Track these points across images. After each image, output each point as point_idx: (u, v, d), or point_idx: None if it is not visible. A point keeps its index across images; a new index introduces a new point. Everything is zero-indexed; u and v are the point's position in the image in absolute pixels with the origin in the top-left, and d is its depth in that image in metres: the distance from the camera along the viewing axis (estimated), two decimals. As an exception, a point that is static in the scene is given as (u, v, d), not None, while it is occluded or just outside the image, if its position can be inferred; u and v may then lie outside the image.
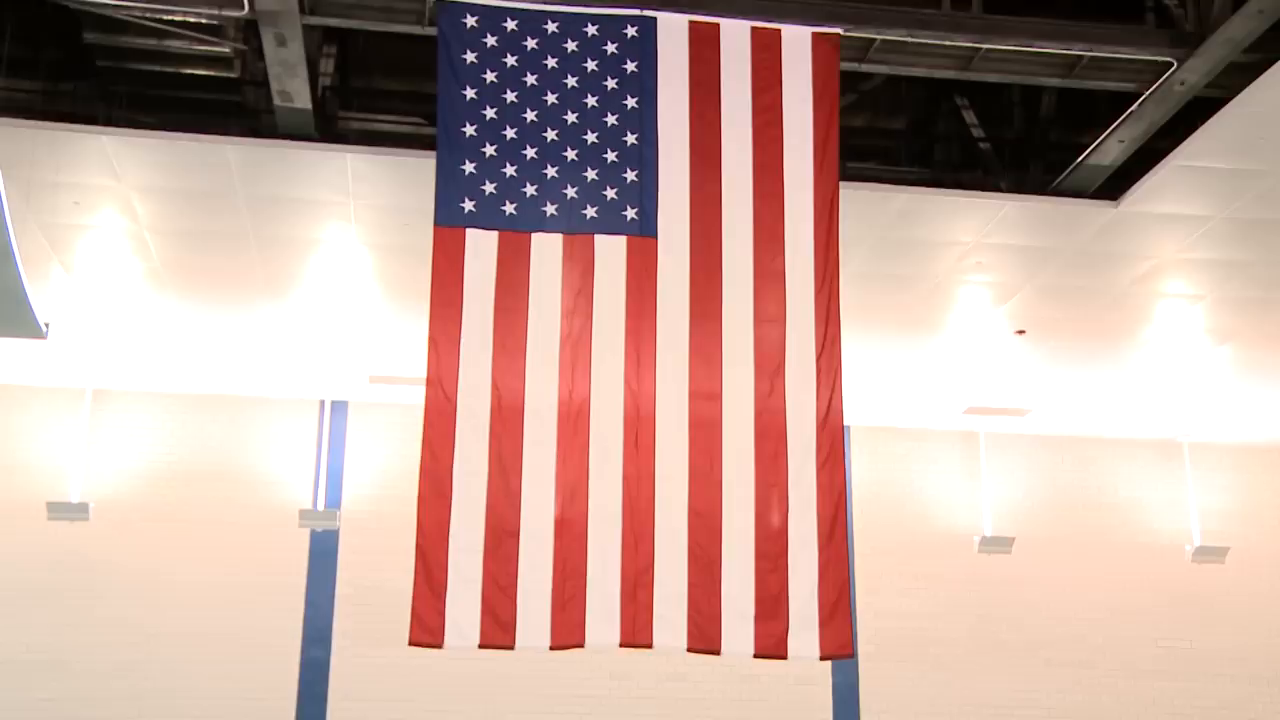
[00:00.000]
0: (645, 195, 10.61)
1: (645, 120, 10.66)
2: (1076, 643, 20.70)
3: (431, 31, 10.78)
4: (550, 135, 10.56)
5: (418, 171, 12.18)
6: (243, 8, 10.81)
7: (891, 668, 20.17)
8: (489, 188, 10.44)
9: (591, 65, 10.69)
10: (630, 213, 10.59)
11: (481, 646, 10.09)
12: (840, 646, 10.24)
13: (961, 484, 21.13)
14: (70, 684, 18.69)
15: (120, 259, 14.86)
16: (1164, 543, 21.07)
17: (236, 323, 17.14)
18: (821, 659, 10.39)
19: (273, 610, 19.44)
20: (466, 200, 10.39)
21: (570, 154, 10.58)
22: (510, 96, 10.54)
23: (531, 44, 10.60)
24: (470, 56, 10.48)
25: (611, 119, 10.65)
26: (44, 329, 11.39)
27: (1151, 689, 20.59)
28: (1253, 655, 20.89)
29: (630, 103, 10.67)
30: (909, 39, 11.56)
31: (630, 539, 10.18)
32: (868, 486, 20.77)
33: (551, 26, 10.65)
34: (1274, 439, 21.33)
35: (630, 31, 10.73)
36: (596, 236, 10.60)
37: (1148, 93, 11.84)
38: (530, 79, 10.59)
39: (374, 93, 14.13)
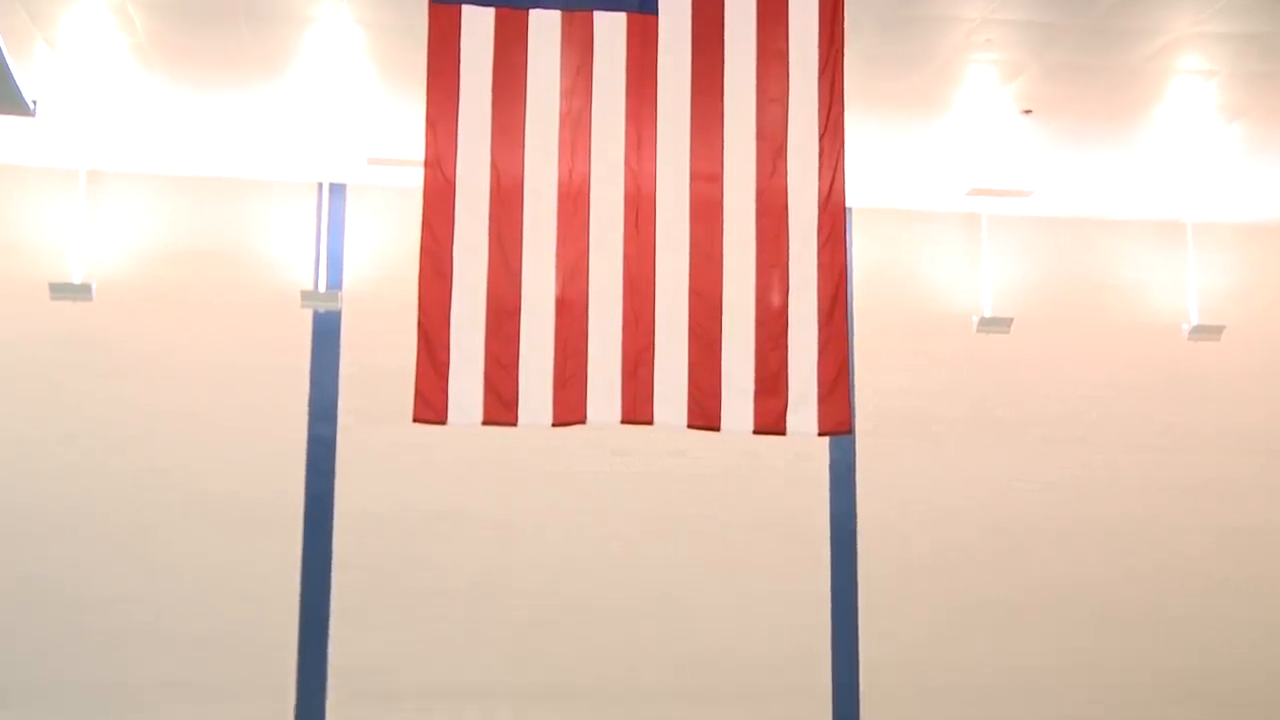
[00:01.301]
0: (646, -31, 10.31)
1: (646, -110, 10.27)
2: (1073, 420, 21.09)
3: None
4: (548, -95, 10.20)
5: (409, -57, 11.75)
6: None
7: (889, 444, 20.63)
8: (483, -40, 10.15)
9: None
10: (630, -13, 10.31)
11: (484, 424, 10.31)
12: (838, 423, 10.46)
13: (962, 265, 21.16)
14: (81, 459, 19.16)
15: (105, 34, 14.48)
16: (1163, 322, 21.21)
17: (230, 104, 16.86)
18: (820, 434, 10.65)
19: (277, 389, 19.75)
20: (461, -25, 10.11)
21: (568, -75, 10.24)
22: None
23: None
24: None
25: (611, -109, 10.26)
26: (31, 106, 11.23)
27: (1146, 463, 21.08)
28: (1247, 431, 21.32)
29: (630, -128, 10.25)
30: None
31: (631, 317, 10.29)
32: (868, 267, 20.80)
33: None
34: (1277, 217, 21.24)
35: None
36: (596, 13, 10.35)
37: None
38: None
39: None
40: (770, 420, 10.35)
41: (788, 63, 10.46)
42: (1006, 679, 20.34)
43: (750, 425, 10.40)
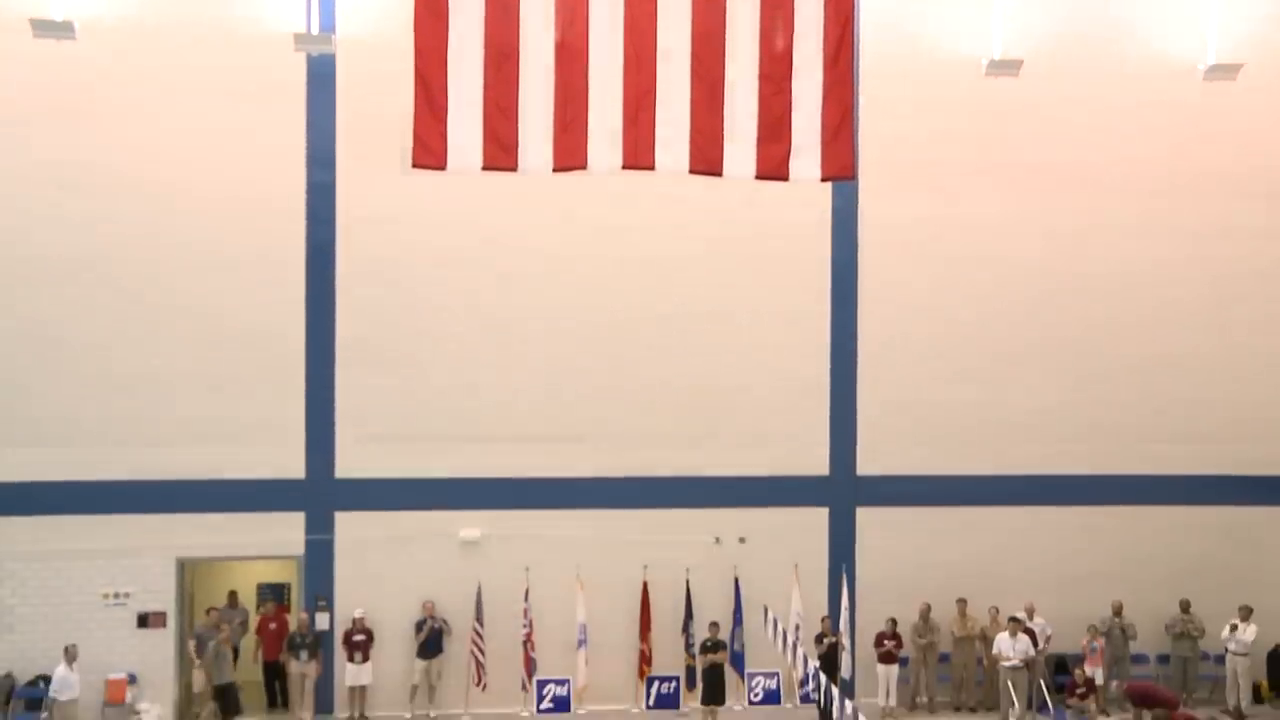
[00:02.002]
0: None
1: None
2: (1079, 165, 20.81)
3: None
4: None
5: None
6: None
7: (892, 191, 20.45)
8: None
9: None
10: None
11: (484, 169, 10.21)
12: (841, 169, 10.36)
13: (973, 6, 20.43)
14: (79, 206, 19.07)
15: None
16: (1178, 63, 20.65)
17: None
18: (822, 180, 10.54)
19: (274, 134, 19.43)
20: None
21: None
22: None
23: None
24: None
25: None
26: None
27: (1152, 208, 20.97)
28: (1254, 174, 21.00)
29: None
30: None
31: (632, 61, 10.03)
32: (876, 10, 20.10)
33: None
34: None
35: None
36: None
37: None
38: None
39: None
40: (773, 166, 10.25)
41: None
42: (1000, 422, 20.85)
43: (752, 171, 10.30)
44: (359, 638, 19.44)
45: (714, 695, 18.98)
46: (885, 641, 19.89)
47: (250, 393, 19.49)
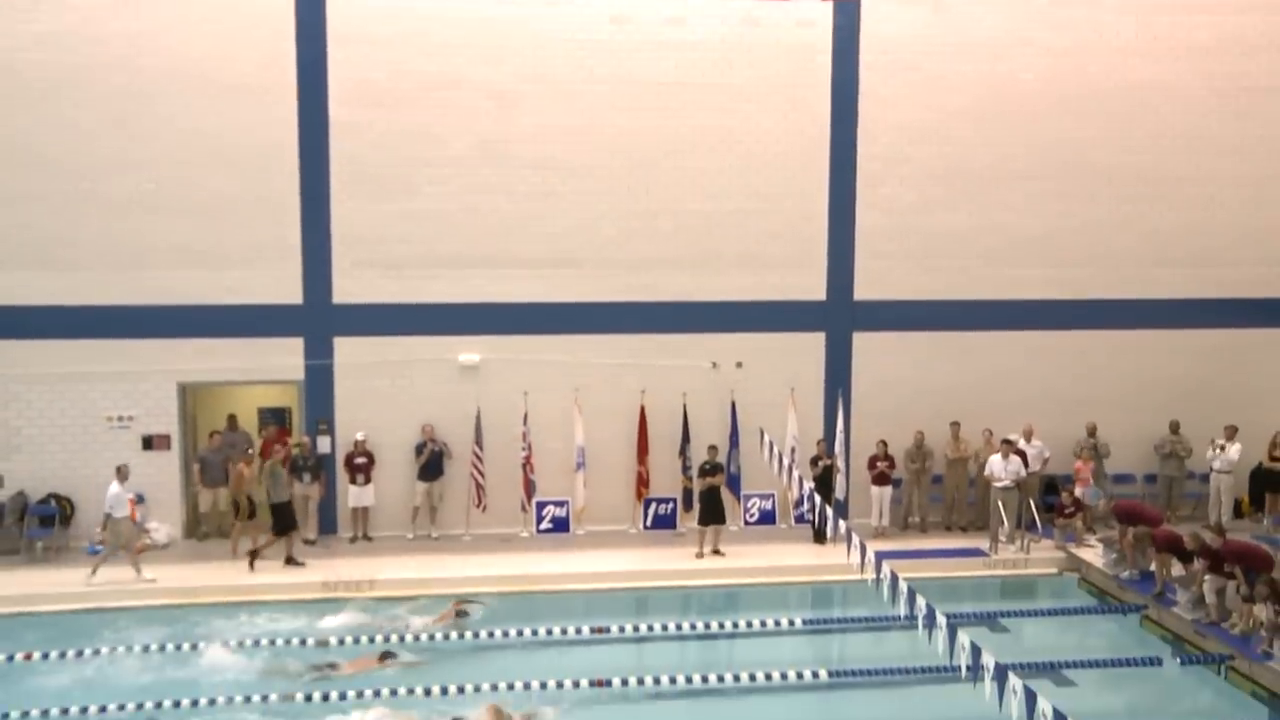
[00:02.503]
0: None
1: None
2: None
3: None
4: None
5: None
6: None
7: (893, 9, 20.05)
8: None
9: None
10: None
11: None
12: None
13: None
14: (66, 22, 18.70)
15: None
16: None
17: None
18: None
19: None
20: None
21: None
22: None
23: None
24: None
25: None
26: None
27: (1157, 24, 20.59)
28: None
29: None
30: None
31: None
32: None
33: None
34: None
35: None
36: None
37: None
38: None
39: None
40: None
41: None
42: (998, 246, 20.82)
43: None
44: (361, 460, 19.75)
45: (712, 516, 19.37)
46: (877, 464, 20.24)
47: (244, 217, 19.36)
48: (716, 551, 19.29)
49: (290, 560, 18.40)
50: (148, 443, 19.54)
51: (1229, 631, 15.40)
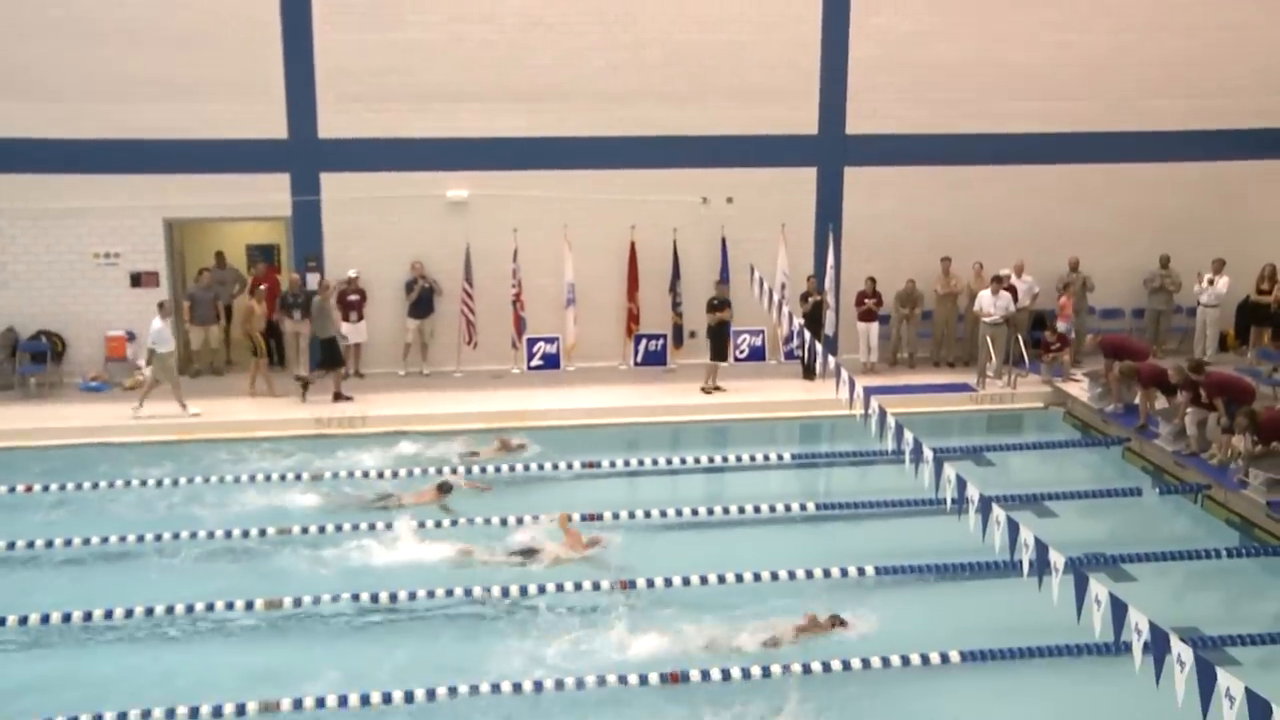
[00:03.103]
0: None
1: None
2: None
3: None
4: None
5: None
6: None
7: None
8: None
9: None
10: None
11: None
12: None
13: None
14: None
15: None
16: None
17: None
18: None
19: None
20: None
21: None
22: None
23: None
24: None
25: None
26: None
27: None
28: None
29: None
30: None
31: None
32: None
33: None
34: None
35: None
36: None
37: None
38: None
39: None
40: None
41: None
42: (994, 75, 20.46)
43: None
44: (353, 298, 19.73)
45: (720, 352, 19.49)
46: (865, 300, 20.29)
47: (226, 48, 18.91)
48: (718, 388, 19.46)
49: (339, 396, 18.59)
50: (136, 280, 19.47)
51: (1208, 462, 15.71)
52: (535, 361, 20.51)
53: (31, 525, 14.07)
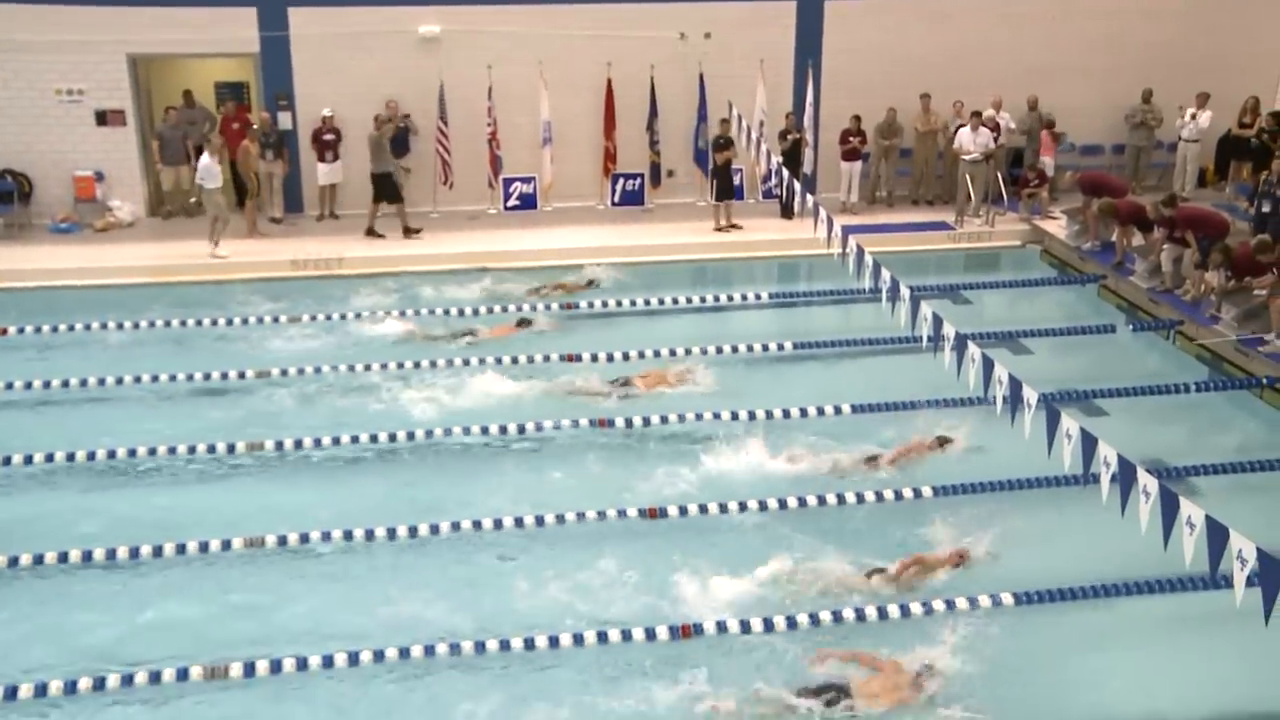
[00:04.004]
0: None
1: None
2: None
3: None
4: None
5: None
6: None
7: None
8: None
9: None
10: None
11: None
12: None
13: None
14: None
15: None
16: None
17: None
18: None
19: None
20: None
21: None
22: None
23: None
24: None
25: None
26: None
27: None
28: None
29: None
30: None
31: None
32: None
33: None
34: None
35: None
36: None
37: None
38: None
39: None
40: None
41: None
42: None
43: None
44: (328, 137, 19.38)
45: (726, 192, 19.36)
46: (850, 138, 20.05)
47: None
48: (734, 225, 19.37)
49: (409, 231, 18.71)
50: (101, 118, 19.04)
51: (1181, 298, 15.85)
52: (512, 202, 20.33)
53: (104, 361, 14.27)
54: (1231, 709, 8.96)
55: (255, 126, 19.39)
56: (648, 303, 16.62)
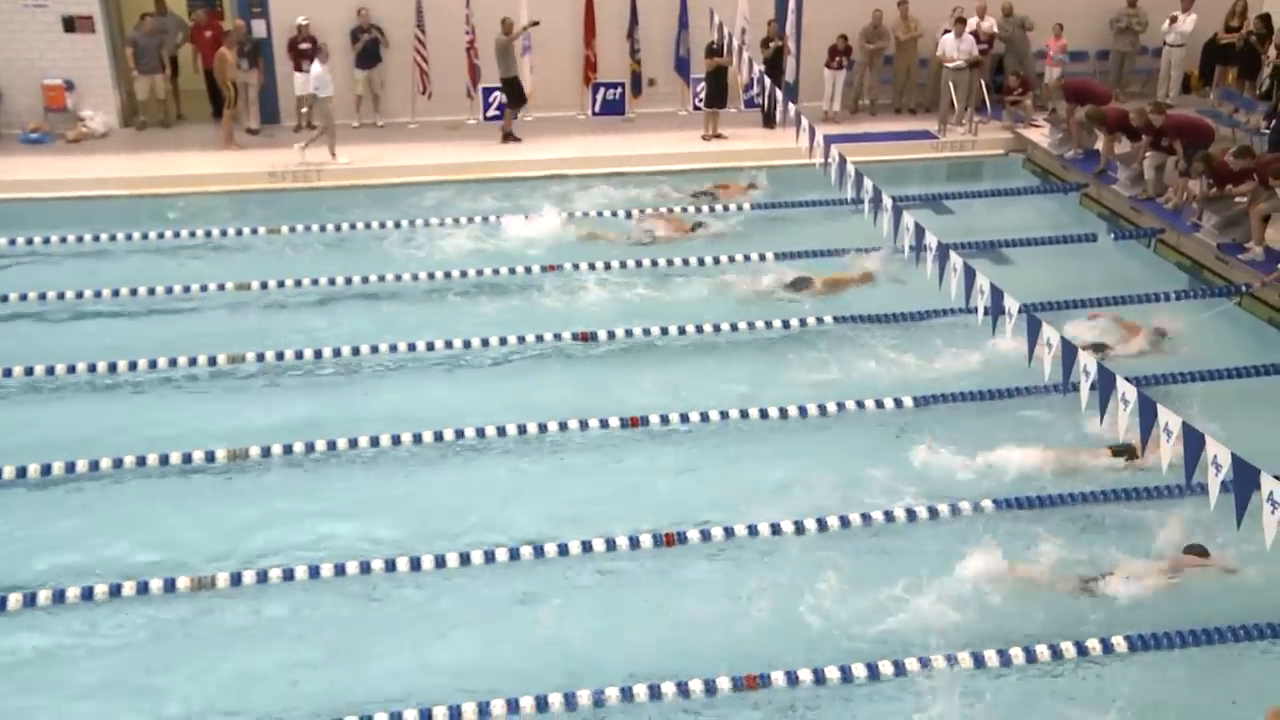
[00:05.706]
0: None
1: None
2: None
3: None
4: None
5: None
6: None
7: None
8: None
9: None
10: None
11: None
12: None
13: None
14: None
15: None
16: None
17: None
18: None
19: None
20: None
21: None
22: None
23: None
24: None
25: None
26: None
27: None
28: None
29: None
30: None
31: None
32: None
33: None
34: None
35: None
36: None
37: None
38: None
39: None
40: None
41: None
42: None
43: None
44: (305, 46, 18.94)
45: (717, 99, 19.19)
46: (837, 55, 19.77)
47: None
48: (718, 135, 19.21)
49: (508, 136, 19.09)
50: (69, 24, 18.54)
51: (1163, 206, 15.84)
52: (492, 111, 20.04)
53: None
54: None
55: (230, 33, 19.02)
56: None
